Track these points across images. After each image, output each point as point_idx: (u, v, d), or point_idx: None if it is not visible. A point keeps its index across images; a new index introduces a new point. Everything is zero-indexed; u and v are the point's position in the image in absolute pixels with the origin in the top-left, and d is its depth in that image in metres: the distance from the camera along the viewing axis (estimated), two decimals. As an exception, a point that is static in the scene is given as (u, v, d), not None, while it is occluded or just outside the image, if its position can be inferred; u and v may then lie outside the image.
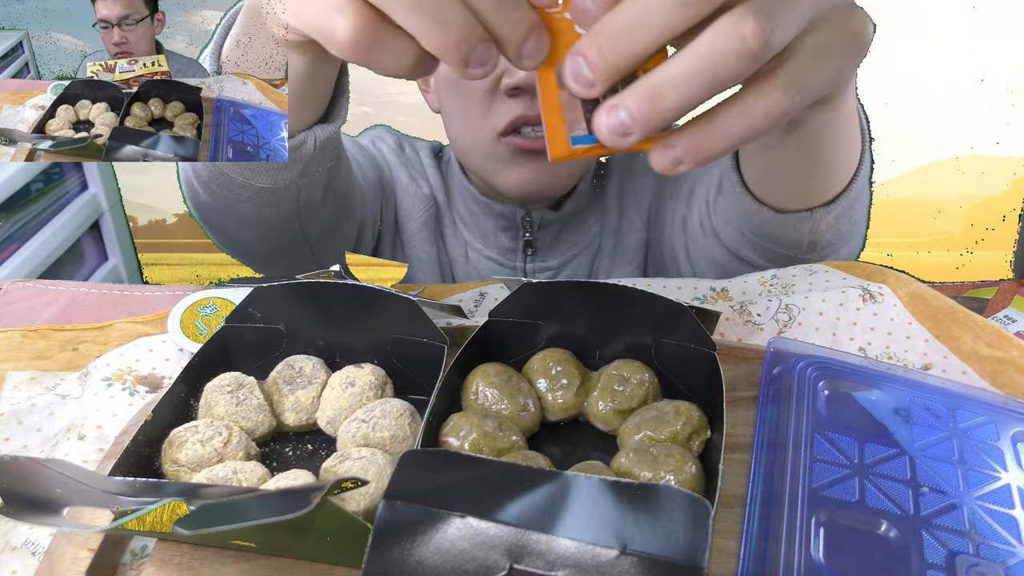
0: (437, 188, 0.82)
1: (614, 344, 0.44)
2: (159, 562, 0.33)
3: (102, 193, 1.58)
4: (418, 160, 0.84)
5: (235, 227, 0.68)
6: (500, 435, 0.38)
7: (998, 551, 0.32)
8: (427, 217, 0.81)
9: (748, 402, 0.42)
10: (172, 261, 1.72)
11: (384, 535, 0.29)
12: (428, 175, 0.83)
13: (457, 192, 0.81)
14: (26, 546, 0.38)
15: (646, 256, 0.82)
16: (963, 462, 0.37)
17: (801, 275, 0.57)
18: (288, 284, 0.44)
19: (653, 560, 0.27)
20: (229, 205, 0.64)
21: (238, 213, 0.65)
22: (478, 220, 0.80)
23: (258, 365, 0.45)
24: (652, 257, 0.82)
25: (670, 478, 0.35)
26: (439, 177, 0.83)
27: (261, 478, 0.36)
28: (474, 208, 0.79)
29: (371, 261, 0.61)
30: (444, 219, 0.82)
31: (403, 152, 0.84)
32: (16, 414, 0.45)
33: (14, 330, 0.53)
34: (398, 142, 0.85)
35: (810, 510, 0.34)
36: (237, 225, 0.67)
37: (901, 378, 0.42)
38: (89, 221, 1.56)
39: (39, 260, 1.41)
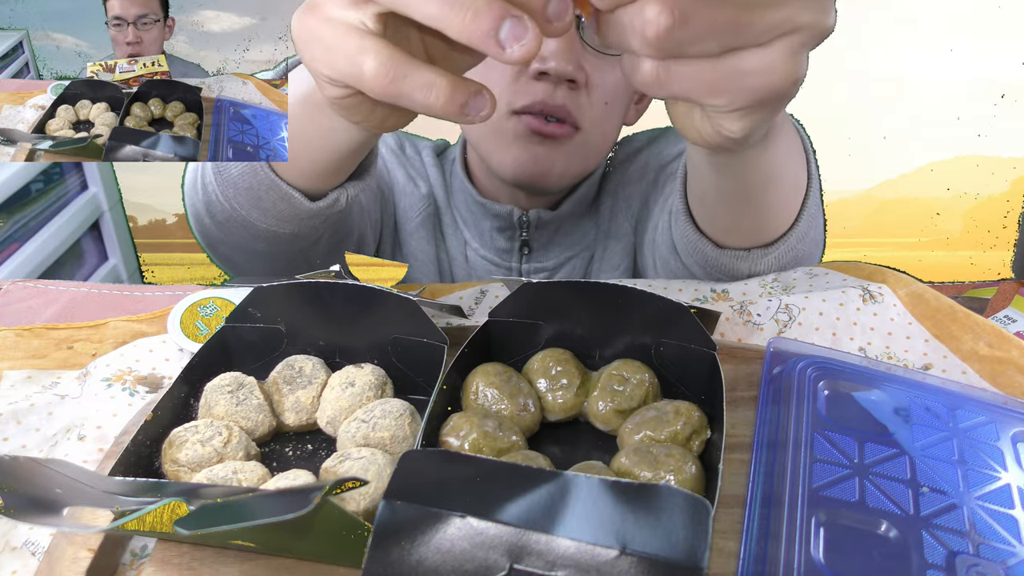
0: (437, 186, 0.82)
1: (614, 344, 0.44)
2: (159, 562, 0.33)
3: (102, 193, 1.58)
4: (419, 159, 0.84)
5: (244, 259, 0.68)
6: (500, 435, 0.38)
7: (998, 551, 0.32)
8: (424, 216, 0.81)
9: (748, 402, 0.42)
10: (172, 261, 1.71)
11: (384, 535, 0.29)
12: (428, 174, 0.83)
13: (458, 191, 0.81)
14: (26, 546, 0.38)
15: (633, 262, 0.82)
16: (963, 462, 0.37)
17: (801, 277, 0.57)
18: (288, 284, 0.44)
19: (653, 560, 0.27)
20: (243, 243, 0.64)
21: (252, 250, 0.65)
22: (476, 219, 0.80)
23: (258, 365, 0.45)
24: (636, 264, 0.82)
25: (670, 478, 0.35)
26: (440, 176, 0.82)
27: (261, 478, 0.36)
28: (473, 207, 0.79)
29: (371, 261, 0.61)
30: (444, 217, 0.82)
31: (403, 152, 0.84)
32: (15, 414, 0.45)
33: (9, 329, 0.53)
34: (398, 142, 0.85)
35: (810, 510, 0.34)
36: (246, 258, 0.68)
37: (901, 378, 0.42)
38: (89, 221, 1.56)
39: (39, 260, 1.41)
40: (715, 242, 0.58)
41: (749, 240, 0.57)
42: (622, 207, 0.82)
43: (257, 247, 0.64)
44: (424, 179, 0.82)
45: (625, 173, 0.83)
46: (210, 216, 0.63)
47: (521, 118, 0.69)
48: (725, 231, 0.58)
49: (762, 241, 0.57)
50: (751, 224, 0.56)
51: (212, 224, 0.64)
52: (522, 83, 0.68)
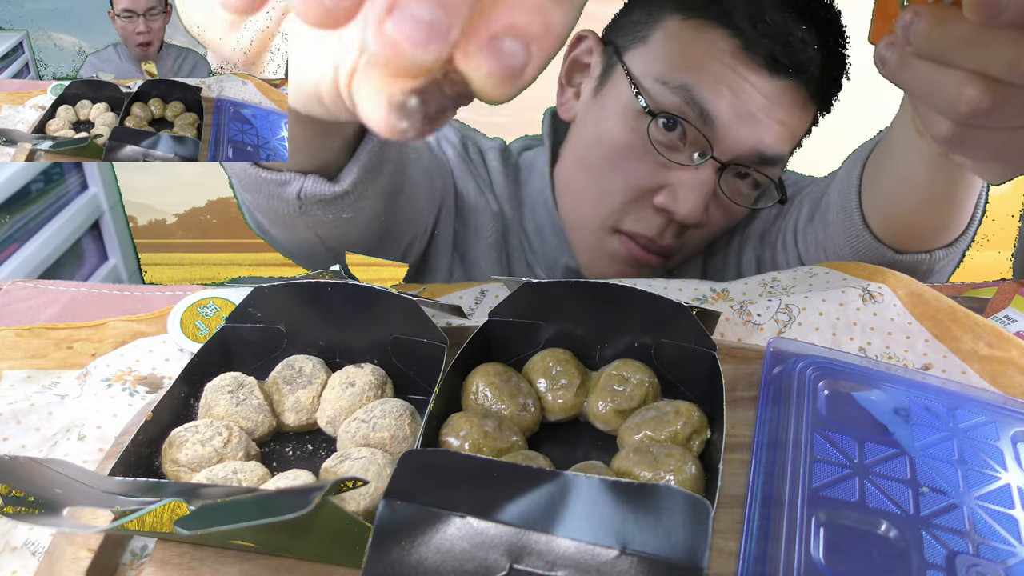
0: (504, 199, 0.75)
1: (614, 344, 0.44)
2: (159, 562, 0.33)
3: (102, 193, 1.58)
4: (483, 165, 0.77)
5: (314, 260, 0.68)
6: (500, 435, 0.38)
7: (998, 551, 0.32)
8: (496, 236, 0.74)
9: (748, 402, 0.42)
10: (172, 261, 1.71)
11: (384, 535, 0.29)
12: (494, 183, 0.76)
13: (529, 210, 0.74)
14: (26, 546, 0.38)
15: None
16: (963, 462, 0.37)
17: (801, 277, 0.57)
18: (288, 284, 0.44)
19: (653, 560, 0.27)
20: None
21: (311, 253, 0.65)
22: (547, 247, 0.73)
23: (258, 365, 0.45)
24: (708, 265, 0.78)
25: (670, 478, 0.35)
26: (506, 187, 0.76)
27: (261, 478, 0.36)
28: (550, 237, 0.73)
29: (371, 261, 0.61)
30: (511, 238, 0.75)
31: (467, 155, 0.77)
32: (15, 414, 0.45)
33: (9, 329, 0.53)
34: (462, 141, 0.78)
35: (810, 510, 0.34)
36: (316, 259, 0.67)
37: (901, 378, 0.42)
38: (89, 221, 1.56)
39: (39, 260, 1.41)
40: (895, 249, 0.59)
41: (938, 241, 0.58)
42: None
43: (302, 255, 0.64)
44: (491, 191, 0.75)
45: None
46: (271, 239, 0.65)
47: (624, 241, 0.67)
48: (913, 239, 0.58)
49: (948, 240, 0.58)
50: (944, 221, 0.57)
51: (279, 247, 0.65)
52: (639, 207, 0.66)
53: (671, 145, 0.64)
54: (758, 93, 0.62)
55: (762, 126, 0.63)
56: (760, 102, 0.63)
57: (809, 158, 0.75)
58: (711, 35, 0.63)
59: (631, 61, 0.66)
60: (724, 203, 0.67)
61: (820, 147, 0.73)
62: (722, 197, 0.66)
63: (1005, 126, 0.33)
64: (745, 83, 0.62)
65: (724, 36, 0.63)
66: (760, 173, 0.66)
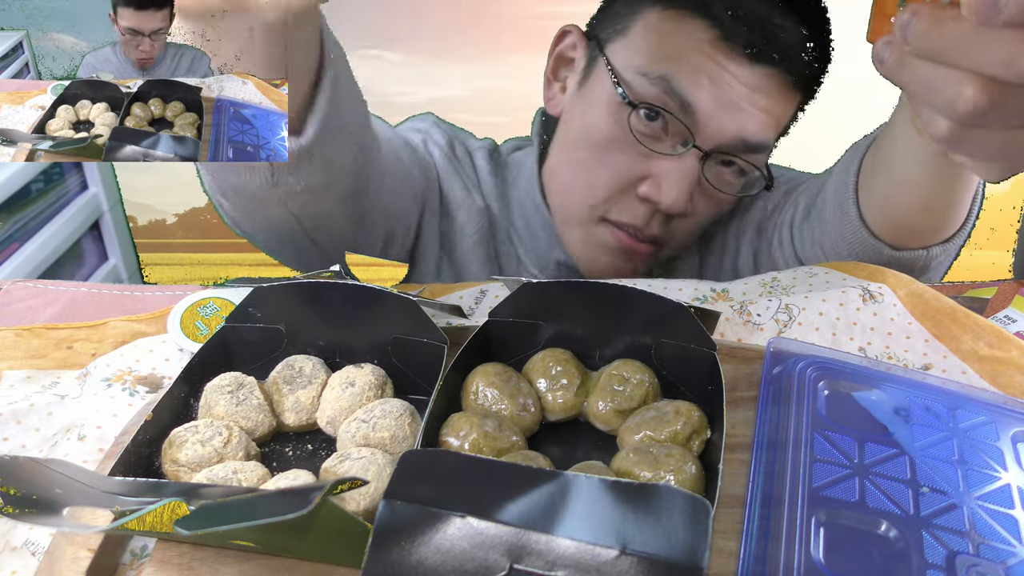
0: (491, 197, 0.76)
1: (614, 344, 0.44)
2: (159, 562, 0.33)
3: (102, 193, 1.58)
4: (471, 164, 0.78)
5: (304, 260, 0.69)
6: (500, 435, 0.38)
7: (998, 551, 0.32)
8: (482, 233, 0.75)
9: (748, 402, 0.42)
10: (172, 261, 1.71)
11: (384, 535, 0.29)
12: (482, 182, 0.76)
13: (517, 207, 0.74)
14: (26, 546, 0.38)
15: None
16: (963, 462, 0.37)
17: (801, 277, 0.57)
18: (288, 284, 0.44)
19: (653, 560, 0.27)
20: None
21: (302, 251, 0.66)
22: (537, 244, 0.74)
23: (258, 365, 0.45)
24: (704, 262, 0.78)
25: (670, 478, 0.35)
26: (494, 184, 0.76)
27: (261, 478, 0.36)
28: (539, 233, 0.73)
29: (371, 261, 0.61)
30: (498, 233, 0.76)
31: (454, 155, 0.77)
32: (15, 414, 0.45)
33: (9, 329, 0.53)
34: (449, 142, 0.78)
35: (810, 510, 0.34)
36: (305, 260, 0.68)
37: (901, 378, 0.42)
38: (89, 221, 1.56)
39: (39, 260, 1.41)
40: (892, 245, 0.59)
41: (935, 237, 0.58)
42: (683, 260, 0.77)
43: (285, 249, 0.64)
44: (478, 189, 0.76)
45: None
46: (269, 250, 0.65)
47: (612, 231, 0.68)
48: (910, 235, 0.58)
49: (944, 236, 0.58)
50: (942, 217, 0.57)
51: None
52: (625, 197, 0.67)
53: (653, 135, 0.64)
54: (738, 82, 0.63)
55: (744, 114, 0.64)
56: (741, 91, 0.63)
57: (806, 154, 0.75)
58: (689, 25, 0.63)
59: (612, 54, 0.67)
60: (710, 192, 0.67)
61: (817, 143, 0.73)
62: (707, 186, 0.66)
63: (1004, 125, 0.33)
64: (725, 72, 0.62)
65: (702, 26, 0.63)
66: (745, 161, 0.67)
